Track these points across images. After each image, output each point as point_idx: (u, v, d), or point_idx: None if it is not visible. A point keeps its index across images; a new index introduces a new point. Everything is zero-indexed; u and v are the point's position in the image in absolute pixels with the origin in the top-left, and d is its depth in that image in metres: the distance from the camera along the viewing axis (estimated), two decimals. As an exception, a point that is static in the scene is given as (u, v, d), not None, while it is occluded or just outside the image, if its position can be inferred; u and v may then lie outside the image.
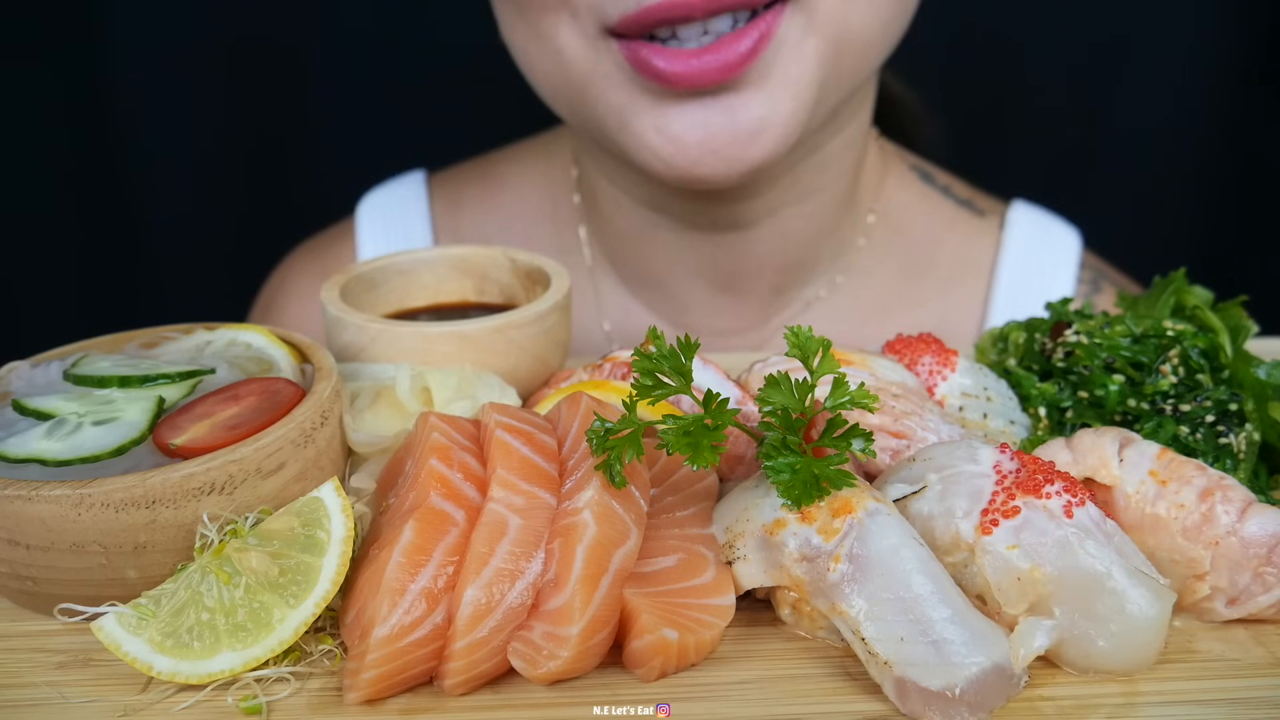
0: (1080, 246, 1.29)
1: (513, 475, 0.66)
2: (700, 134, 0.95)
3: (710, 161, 0.96)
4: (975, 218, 1.29)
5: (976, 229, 1.28)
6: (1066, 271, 1.26)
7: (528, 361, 0.87)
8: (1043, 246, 1.27)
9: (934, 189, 1.29)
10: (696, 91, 0.94)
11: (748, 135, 0.95)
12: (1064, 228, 1.29)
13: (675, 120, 0.96)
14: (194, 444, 0.67)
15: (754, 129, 0.95)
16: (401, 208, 1.32)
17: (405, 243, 1.30)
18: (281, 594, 0.63)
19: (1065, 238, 1.28)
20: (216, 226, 1.88)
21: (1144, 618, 0.61)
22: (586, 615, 0.60)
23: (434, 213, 1.32)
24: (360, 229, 1.32)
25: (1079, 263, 1.27)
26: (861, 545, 0.62)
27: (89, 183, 1.85)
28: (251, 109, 1.82)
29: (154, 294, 1.93)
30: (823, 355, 0.66)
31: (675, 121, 0.96)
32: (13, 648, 0.67)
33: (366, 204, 1.34)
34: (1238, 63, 1.79)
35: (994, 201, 1.32)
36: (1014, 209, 1.30)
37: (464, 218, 1.31)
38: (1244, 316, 0.84)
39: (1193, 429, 0.78)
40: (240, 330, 0.82)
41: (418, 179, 1.35)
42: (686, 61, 0.92)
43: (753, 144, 0.96)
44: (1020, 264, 1.25)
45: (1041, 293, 1.22)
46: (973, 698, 0.58)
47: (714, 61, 0.91)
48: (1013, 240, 1.26)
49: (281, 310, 1.33)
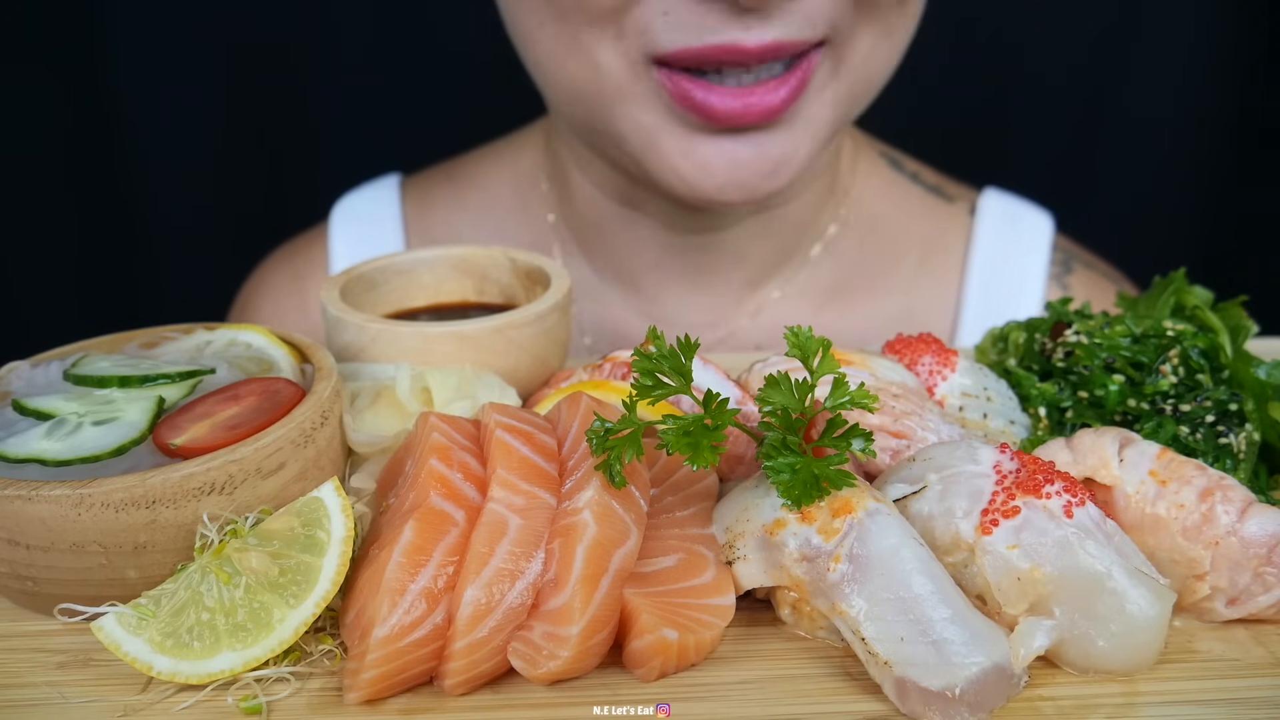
0: (1053, 231, 1.29)
1: (513, 475, 0.66)
2: (727, 164, 0.99)
3: (732, 190, 1.01)
4: (944, 203, 1.30)
5: (946, 214, 1.30)
6: (1039, 255, 1.27)
7: (528, 361, 0.87)
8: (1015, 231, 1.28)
9: (903, 175, 1.31)
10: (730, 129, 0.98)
11: (771, 169, 1.00)
12: (1036, 213, 1.30)
13: (704, 148, 0.99)
14: (194, 444, 0.67)
15: (776, 164, 1.00)
16: (374, 210, 1.34)
17: (377, 243, 1.31)
18: (281, 594, 0.63)
19: (1037, 222, 1.29)
20: (216, 227, 1.88)
21: (1144, 618, 0.61)
22: (586, 615, 0.60)
23: (406, 214, 1.33)
24: (333, 230, 1.34)
25: (1051, 246, 1.28)
26: (861, 545, 0.62)
27: (89, 183, 1.85)
28: (251, 109, 1.82)
29: (153, 294, 1.93)
30: (823, 355, 0.66)
31: (705, 150, 0.99)
32: (13, 648, 0.67)
33: (340, 207, 1.36)
34: (1238, 62, 1.79)
35: (962, 188, 1.33)
36: (985, 195, 1.31)
37: (434, 217, 1.33)
38: (1244, 316, 0.84)
39: (1193, 429, 0.78)
40: (240, 330, 0.82)
41: (391, 182, 1.37)
42: (733, 101, 0.95)
43: (773, 177, 1.00)
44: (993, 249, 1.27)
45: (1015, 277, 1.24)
46: (973, 698, 0.58)
47: (758, 105, 0.95)
48: (985, 225, 1.28)
49: (256, 310, 1.34)
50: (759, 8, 0.90)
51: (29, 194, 1.83)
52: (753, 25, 0.92)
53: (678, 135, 1.00)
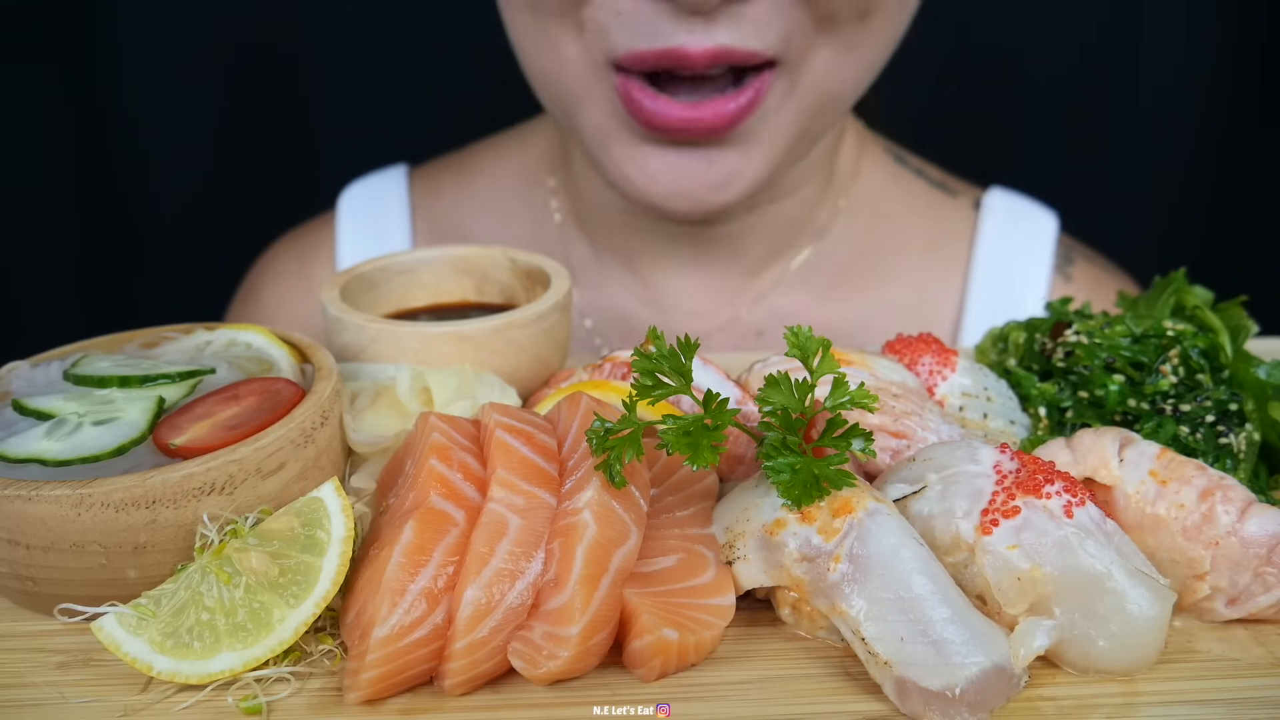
0: (1057, 228, 1.30)
1: (513, 475, 0.66)
2: (674, 176, 1.00)
3: (678, 201, 1.01)
4: (948, 198, 1.31)
5: (950, 208, 1.30)
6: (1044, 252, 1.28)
7: (528, 361, 0.87)
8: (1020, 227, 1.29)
9: (907, 170, 1.32)
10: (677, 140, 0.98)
11: (719, 184, 1.00)
12: (1041, 210, 1.31)
13: (652, 158, 1.00)
14: (194, 444, 0.67)
15: (725, 179, 1.00)
16: (381, 198, 1.35)
17: (383, 230, 1.32)
18: (281, 594, 0.63)
19: (1042, 219, 1.30)
20: (217, 226, 1.88)
21: (1144, 618, 0.61)
22: (586, 615, 0.60)
23: (413, 202, 1.34)
24: (340, 216, 1.34)
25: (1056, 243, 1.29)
26: (861, 545, 0.62)
27: (89, 183, 1.85)
28: (252, 109, 1.82)
29: (153, 293, 1.93)
30: (823, 355, 0.66)
31: (652, 160, 1.00)
32: (13, 648, 0.67)
33: (347, 195, 1.36)
34: (1238, 62, 1.79)
35: (965, 185, 1.34)
36: (991, 193, 1.32)
37: (441, 204, 1.33)
38: (1244, 316, 0.84)
39: (1193, 429, 0.78)
40: (240, 330, 0.82)
41: (399, 172, 1.38)
42: (678, 114, 0.95)
43: (721, 191, 1.01)
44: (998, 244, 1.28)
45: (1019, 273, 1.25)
46: (973, 698, 0.58)
47: (705, 119, 0.95)
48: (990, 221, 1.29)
49: (261, 295, 1.35)
50: (701, 8, 0.90)
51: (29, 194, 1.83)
52: (697, 29, 0.92)
53: (627, 142, 1.01)
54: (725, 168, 1.00)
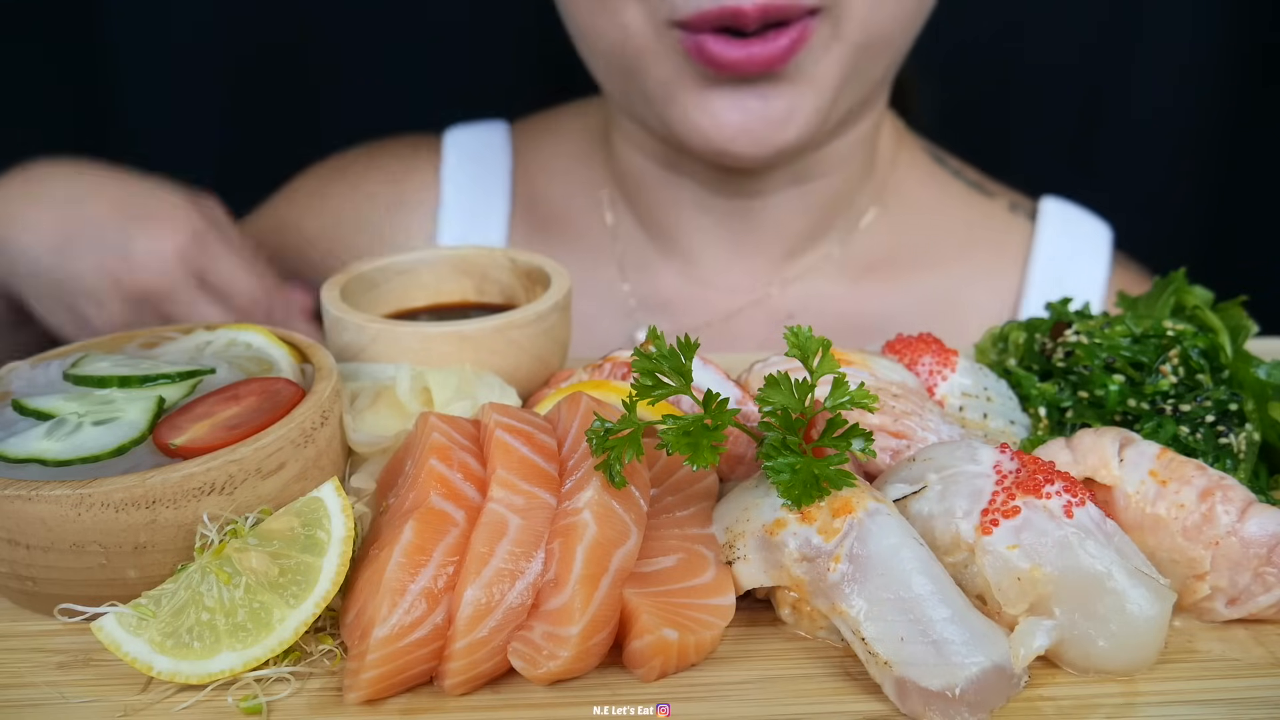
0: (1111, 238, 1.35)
1: (513, 475, 0.66)
2: (738, 115, 1.08)
3: (744, 141, 1.09)
4: (985, 199, 1.37)
5: (987, 209, 1.36)
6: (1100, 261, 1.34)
7: (528, 361, 0.87)
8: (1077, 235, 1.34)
9: (945, 169, 1.38)
10: (738, 79, 1.07)
11: (778, 121, 1.08)
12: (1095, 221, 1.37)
13: (716, 101, 1.08)
14: (194, 444, 0.67)
15: (783, 117, 1.08)
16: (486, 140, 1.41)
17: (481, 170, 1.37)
18: (281, 594, 0.63)
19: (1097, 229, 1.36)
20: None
21: (1144, 618, 0.61)
22: (586, 615, 0.60)
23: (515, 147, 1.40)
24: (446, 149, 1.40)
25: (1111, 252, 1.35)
26: (861, 545, 0.62)
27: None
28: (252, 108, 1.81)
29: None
30: (822, 355, 0.66)
31: (716, 102, 1.08)
32: (13, 648, 0.67)
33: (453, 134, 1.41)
34: (1238, 62, 1.79)
35: (1003, 187, 1.39)
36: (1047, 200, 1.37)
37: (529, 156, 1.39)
38: (1244, 316, 0.84)
39: (1193, 429, 0.78)
40: (240, 330, 0.82)
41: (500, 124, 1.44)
42: (739, 51, 1.04)
43: (782, 129, 1.09)
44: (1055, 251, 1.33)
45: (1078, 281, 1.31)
46: (973, 698, 0.58)
47: (759, 54, 1.04)
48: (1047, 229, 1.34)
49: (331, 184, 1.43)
50: None
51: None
52: None
53: (692, 89, 1.08)
54: (782, 102, 1.08)
